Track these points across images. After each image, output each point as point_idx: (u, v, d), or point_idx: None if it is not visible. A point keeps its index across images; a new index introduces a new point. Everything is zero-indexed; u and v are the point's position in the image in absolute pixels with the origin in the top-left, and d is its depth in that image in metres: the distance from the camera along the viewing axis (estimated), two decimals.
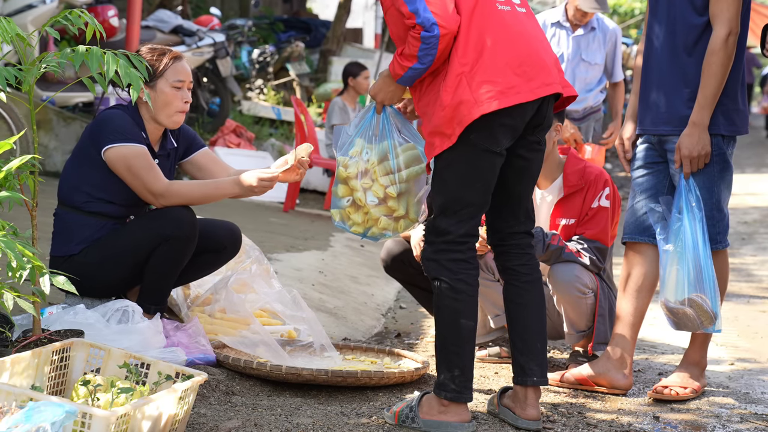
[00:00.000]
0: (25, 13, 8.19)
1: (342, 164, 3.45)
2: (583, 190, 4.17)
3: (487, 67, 3.16)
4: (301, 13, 18.93)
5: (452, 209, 3.25)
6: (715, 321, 3.67)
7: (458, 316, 3.24)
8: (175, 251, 3.71)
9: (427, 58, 3.15)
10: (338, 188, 3.47)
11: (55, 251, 3.78)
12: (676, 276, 3.67)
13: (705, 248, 3.66)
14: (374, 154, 3.42)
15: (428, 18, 3.10)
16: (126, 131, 3.70)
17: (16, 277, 2.75)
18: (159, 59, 3.78)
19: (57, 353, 2.95)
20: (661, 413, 3.68)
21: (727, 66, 3.65)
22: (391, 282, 6.41)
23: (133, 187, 3.71)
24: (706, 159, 3.70)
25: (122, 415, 2.55)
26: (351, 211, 3.46)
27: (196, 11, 14.60)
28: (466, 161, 3.21)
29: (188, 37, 10.27)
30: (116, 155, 3.68)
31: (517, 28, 3.24)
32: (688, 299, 3.65)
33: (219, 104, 11.23)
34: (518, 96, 3.16)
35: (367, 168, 3.42)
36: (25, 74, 3.06)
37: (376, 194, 3.42)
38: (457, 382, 3.25)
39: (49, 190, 3.85)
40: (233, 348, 3.88)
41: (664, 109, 3.80)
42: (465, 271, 3.26)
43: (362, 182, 3.42)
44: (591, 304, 4.10)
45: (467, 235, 3.27)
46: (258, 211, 8.75)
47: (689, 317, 3.68)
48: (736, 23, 3.63)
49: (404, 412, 3.32)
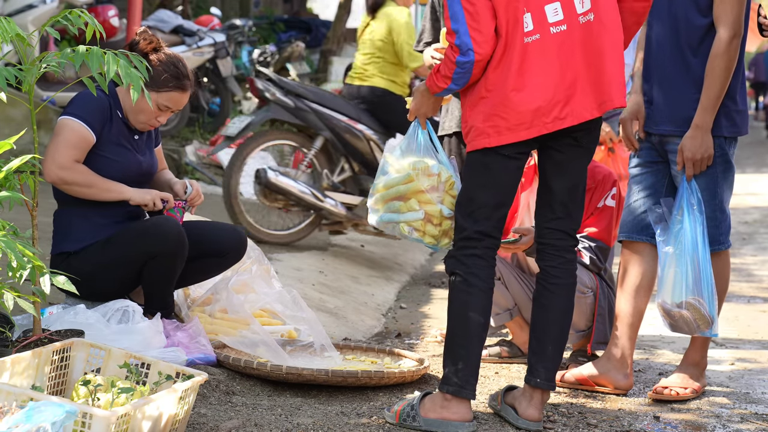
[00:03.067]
0: (25, 13, 8.18)
1: (413, 178, 3.44)
2: (590, 190, 4.19)
3: (503, 102, 3.21)
4: (302, 13, 18.95)
5: (468, 208, 3.33)
6: (711, 325, 3.67)
7: (468, 308, 3.28)
8: (164, 266, 3.71)
9: (462, 80, 3.25)
10: (408, 202, 3.45)
11: (54, 250, 3.79)
12: (674, 278, 3.67)
13: (705, 251, 3.65)
14: (441, 168, 3.46)
15: (466, 43, 3.17)
16: (80, 109, 3.69)
17: (16, 277, 2.75)
18: (168, 80, 3.74)
19: (57, 353, 2.95)
20: (661, 413, 3.68)
21: (730, 69, 3.65)
22: (392, 282, 6.41)
23: (45, 155, 3.64)
24: (709, 161, 3.70)
25: (122, 415, 2.55)
26: (423, 224, 3.45)
27: (197, 11, 14.60)
28: (480, 163, 3.30)
29: (188, 37, 10.27)
30: (58, 125, 3.69)
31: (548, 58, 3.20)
32: (686, 302, 3.65)
33: (219, 104, 11.22)
34: (527, 132, 3.23)
35: (439, 182, 3.45)
36: (25, 74, 3.06)
37: (452, 207, 3.43)
38: (460, 376, 3.26)
39: (49, 190, 3.85)
40: (233, 348, 3.88)
41: (667, 108, 3.79)
42: (479, 267, 3.31)
43: (435, 196, 3.43)
44: (590, 303, 4.10)
45: (482, 233, 3.32)
46: None
47: (686, 320, 3.68)
48: (739, 26, 3.63)
49: (405, 411, 3.32)
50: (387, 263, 7.04)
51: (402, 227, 3.46)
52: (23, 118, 7.63)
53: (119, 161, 3.77)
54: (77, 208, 3.77)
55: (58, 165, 3.64)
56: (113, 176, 3.74)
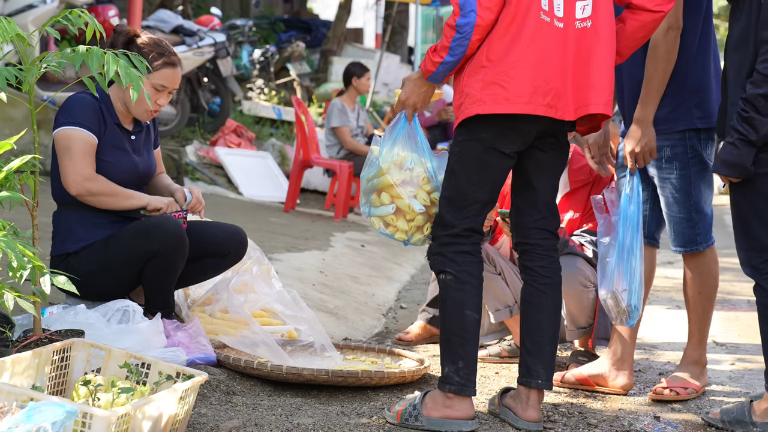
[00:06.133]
0: (25, 13, 8.19)
1: (384, 172, 3.41)
2: (589, 185, 4.20)
3: (506, 71, 3.17)
4: (302, 13, 18.94)
5: (458, 203, 3.30)
6: (629, 317, 3.63)
7: (462, 307, 3.27)
8: (165, 264, 3.72)
9: (459, 49, 3.19)
10: (381, 196, 3.42)
11: (54, 250, 3.79)
12: (605, 269, 3.65)
13: (634, 242, 3.62)
14: (416, 162, 3.42)
15: (470, 2, 3.13)
16: (78, 116, 3.70)
17: (16, 277, 2.75)
18: (155, 57, 3.78)
19: (58, 353, 2.95)
20: (661, 413, 3.68)
21: (667, 60, 3.63)
22: (392, 282, 6.42)
23: (63, 169, 3.67)
24: (652, 155, 3.70)
25: (123, 415, 2.55)
26: (395, 218, 3.42)
27: (197, 11, 14.62)
28: (476, 158, 3.26)
29: (189, 37, 10.27)
30: (62, 136, 3.68)
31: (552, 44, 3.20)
32: (609, 293, 3.63)
33: (219, 104, 11.23)
34: (523, 107, 3.17)
35: (412, 176, 3.41)
36: (25, 74, 3.06)
37: (424, 202, 3.41)
38: (461, 374, 3.26)
39: (49, 190, 3.86)
40: (234, 348, 3.88)
41: (629, 113, 3.82)
42: (470, 263, 3.29)
43: (407, 190, 3.40)
44: (592, 298, 4.10)
45: (471, 230, 3.31)
46: (258, 211, 8.76)
47: (610, 310, 3.67)
48: (675, 18, 3.61)
49: (407, 411, 3.32)
50: (387, 263, 7.05)
51: (373, 221, 3.45)
52: (23, 118, 7.63)
53: (115, 164, 3.77)
54: (76, 210, 3.77)
55: (84, 177, 3.66)
56: (110, 179, 3.74)
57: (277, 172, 10.45)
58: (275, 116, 12.56)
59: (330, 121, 9.30)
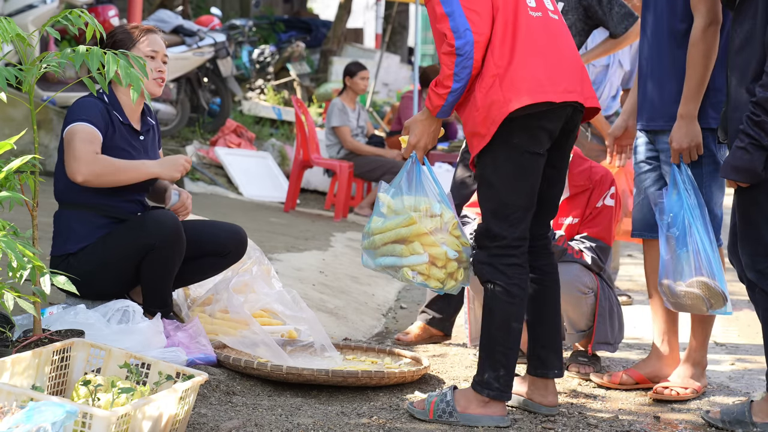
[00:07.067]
0: (25, 13, 8.19)
1: (415, 221, 3.33)
2: (588, 190, 4.19)
3: (517, 70, 3.21)
4: (302, 13, 18.93)
5: (503, 213, 3.31)
6: (726, 302, 3.63)
7: (511, 319, 3.33)
8: (163, 258, 3.72)
9: (465, 71, 3.18)
10: (411, 246, 3.34)
11: (54, 251, 3.80)
12: (678, 259, 3.63)
13: (707, 232, 3.62)
14: (444, 208, 3.38)
15: (462, 23, 3.15)
16: (83, 113, 3.72)
17: (16, 277, 2.75)
18: (132, 31, 3.86)
19: (57, 353, 2.95)
20: (661, 413, 3.67)
21: (708, 57, 3.64)
22: (392, 282, 6.41)
23: (68, 160, 3.67)
24: (699, 150, 3.69)
25: (123, 415, 2.55)
26: (428, 267, 3.36)
27: (197, 11, 14.62)
28: (512, 164, 3.28)
29: (189, 37, 10.26)
30: (67, 133, 3.71)
31: (548, 35, 3.30)
32: (697, 281, 3.60)
33: (219, 104, 11.23)
34: (545, 95, 3.21)
35: (443, 223, 3.37)
36: (25, 74, 3.06)
37: (456, 248, 3.38)
38: (502, 381, 3.35)
39: (49, 190, 3.86)
40: (234, 348, 3.88)
41: (659, 104, 3.80)
42: (520, 276, 3.34)
43: (439, 237, 3.35)
44: (591, 303, 4.10)
45: (520, 238, 3.34)
46: (258, 211, 8.76)
47: (695, 299, 3.62)
48: (714, 13, 3.61)
49: (440, 407, 3.37)
50: None
51: (405, 272, 3.37)
52: (23, 118, 7.62)
53: None
54: (78, 210, 3.78)
55: (85, 162, 3.65)
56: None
57: (277, 172, 10.45)
58: (275, 116, 12.56)
59: (330, 120, 9.30)
